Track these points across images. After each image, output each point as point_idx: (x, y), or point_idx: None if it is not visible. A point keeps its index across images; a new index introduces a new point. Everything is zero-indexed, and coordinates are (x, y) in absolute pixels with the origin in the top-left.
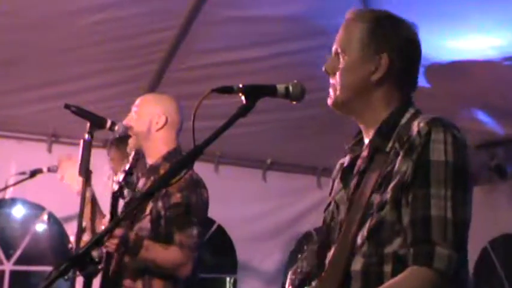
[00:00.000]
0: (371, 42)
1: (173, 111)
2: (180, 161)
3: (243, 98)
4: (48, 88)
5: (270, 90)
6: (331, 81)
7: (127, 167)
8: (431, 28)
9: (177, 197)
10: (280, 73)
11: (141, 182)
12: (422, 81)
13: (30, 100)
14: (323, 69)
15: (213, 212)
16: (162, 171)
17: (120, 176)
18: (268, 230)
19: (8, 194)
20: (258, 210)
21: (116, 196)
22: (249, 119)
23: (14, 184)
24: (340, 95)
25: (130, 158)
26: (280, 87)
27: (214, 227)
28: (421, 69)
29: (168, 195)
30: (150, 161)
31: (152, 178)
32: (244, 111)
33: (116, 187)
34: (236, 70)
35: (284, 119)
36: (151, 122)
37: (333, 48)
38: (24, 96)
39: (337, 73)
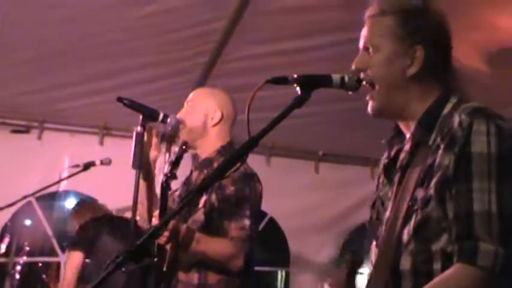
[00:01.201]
0: (404, 34)
1: (228, 105)
2: (234, 153)
3: (298, 88)
4: (99, 81)
5: (325, 81)
6: (362, 77)
7: (173, 158)
8: None
9: (230, 190)
10: (333, 63)
11: (194, 176)
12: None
13: (81, 93)
14: (353, 67)
15: (264, 205)
16: (215, 165)
17: (167, 168)
18: (320, 223)
19: (62, 186)
20: (311, 202)
21: (164, 187)
22: (301, 109)
23: (68, 177)
24: (376, 103)
25: (177, 149)
26: (336, 78)
27: (266, 219)
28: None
29: (222, 188)
30: (203, 155)
31: (206, 171)
32: (299, 102)
33: (163, 179)
34: (288, 60)
35: (336, 109)
36: (207, 117)
37: (361, 43)
38: (76, 89)
39: (369, 70)
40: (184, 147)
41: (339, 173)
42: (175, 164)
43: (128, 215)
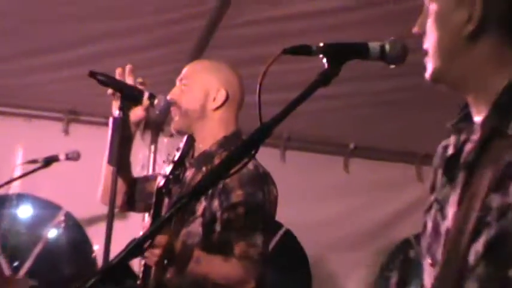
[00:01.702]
0: None
1: (235, 83)
2: (241, 145)
3: (324, 60)
4: (63, 51)
5: (360, 51)
6: (424, 45)
7: (177, 155)
8: None
9: (237, 195)
10: (367, 29)
11: (189, 174)
12: None
13: (41, 67)
14: (413, 29)
15: (279, 213)
16: (217, 161)
17: (168, 168)
18: (352, 237)
19: (14, 188)
20: (338, 210)
21: (160, 193)
22: (327, 89)
23: (22, 176)
24: (433, 64)
25: (182, 145)
26: (374, 46)
27: (281, 232)
28: None
29: (227, 192)
30: (201, 146)
31: (205, 169)
32: (325, 79)
33: (161, 182)
34: (308, 26)
35: (373, 89)
36: (207, 97)
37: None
38: (33, 61)
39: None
40: (190, 140)
41: (376, 172)
42: (179, 162)
43: (101, 226)
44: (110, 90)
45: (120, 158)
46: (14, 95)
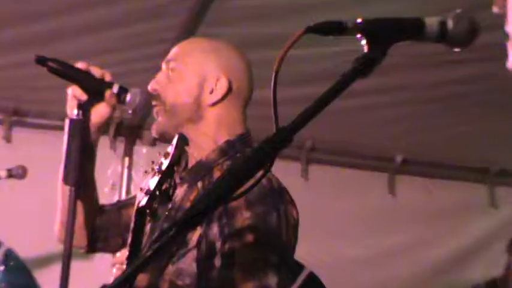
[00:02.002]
0: None
1: (241, 70)
2: (250, 156)
3: (363, 42)
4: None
5: (413, 29)
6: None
7: (164, 163)
8: None
9: (244, 218)
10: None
11: (181, 192)
12: None
13: None
14: (493, 7)
15: (300, 249)
16: (217, 174)
17: (152, 181)
18: (399, 282)
19: None
20: (382, 244)
21: (141, 215)
22: (365, 82)
23: None
24: None
25: (171, 149)
26: (432, 23)
27: (303, 276)
28: None
29: (229, 215)
30: (196, 155)
31: (201, 185)
32: (365, 67)
33: (143, 199)
34: None
35: (426, 83)
36: (203, 88)
37: None
38: None
39: None
40: (181, 143)
41: (432, 194)
42: (168, 173)
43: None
44: (72, 89)
45: (81, 174)
46: None
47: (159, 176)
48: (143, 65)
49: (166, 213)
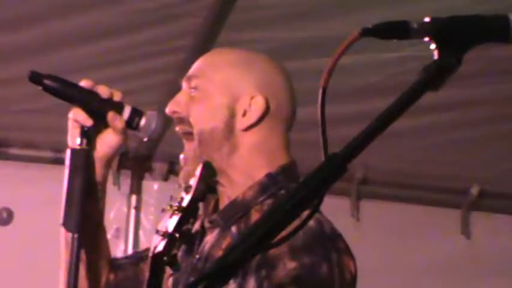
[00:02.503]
0: None
1: (280, 87)
2: (294, 192)
3: (432, 46)
4: None
5: (494, 28)
6: None
7: (186, 199)
8: None
9: (287, 270)
10: None
11: (211, 238)
12: None
13: None
14: None
15: None
16: (256, 216)
17: (170, 221)
18: None
19: None
20: None
21: (159, 263)
22: (425, 99)
23: None
24: None
25: (194, 181)
26: None
27: None
28: None
29: (270, 266)
30: (229, 192)
31: (235, 230)
32: (436, 77)
33: (159, 244)
34: None
35: (503, 98)
36: (235, 110)
37: None
38: None
39: None
40: (207, 173)
41: None
42: (190, 212)
43: None
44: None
45: (86, 218)
46: None
47: (180, 214)
48: (154, 79)
49: (194, 263)
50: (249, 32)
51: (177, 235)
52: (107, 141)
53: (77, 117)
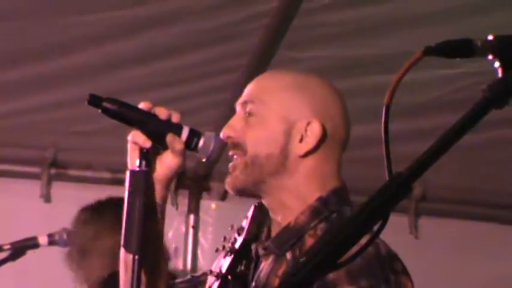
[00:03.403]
0: None
1: (336, 112)
2: (356, 214)
3: (496, 65)
4: (36, 64)
5: None
6: None
7: (238, 240)
8: None
9: None
10: None
11: (266, 265)
12: None
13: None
14: None
15: None
16: (310, 241)
17: (223, 262)
18: None
19: None
20: None
21: None
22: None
23: None
24: None
25: (246, 223)
26: None
27: None
28: None
29: None
30: (281, 218)
31: (290, 256)
32: (501, 95)
33: (213, 285)
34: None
35: None
36: (292, 136)
37: None
38: None
39: None
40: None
41: None
42: (243, 250)
43: None
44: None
45: (146, 240)
46: None
47: (232, 256)
48: (211, 99)
49: None
50: (305, 50)
51: (229, 277)
52: (166, 163)
53: (136, 139)
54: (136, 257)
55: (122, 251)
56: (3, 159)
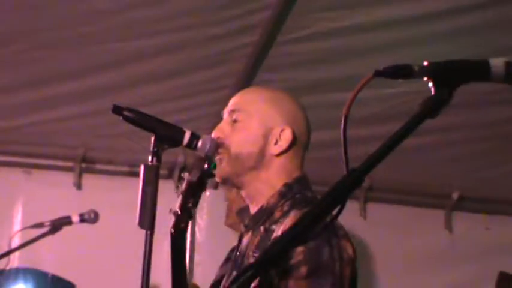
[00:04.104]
0: None
1: (301, 121)
2: (323, 199)
3: (430, 85)
4: (72, 80)
5: (479, 70)
6: None
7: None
8: None
9: (297, 253)
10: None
11: (246, 239)
12: None
13: (42, 102)
14: None
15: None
16: (278, 215)
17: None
18: None
19: (11, 262)
20: (440, 283)
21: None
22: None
23: (23, 245)
24: None
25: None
26: (497, 64)
27: None
28: None
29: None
30: (256, 203)
31: (263, 229)
32: (433, 108)
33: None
34: (390, 37)
35: (482, 121)
36: (268, 139)
37: None
38: (32, 95)
39: None
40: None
41: (494, 232)
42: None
43: None
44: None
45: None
46: (8, 140)
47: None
48: (205, 111)
49: (235, 259)
50: (279, 73)
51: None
52: None
53: None
54: (149, 232)
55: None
56: (45, 156)
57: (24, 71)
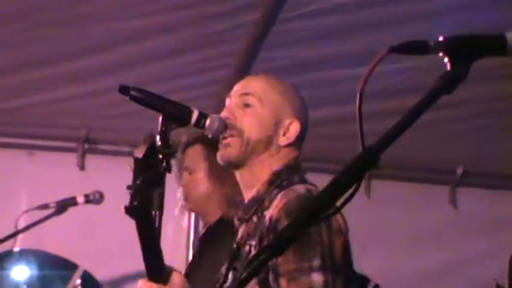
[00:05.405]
0: None
1: (306, 113)
2: (337, 178)
3: (446, 60)
4: (73, 60)
5: (494, 44)
6: None
7: None
8: None
9: (283, 224)
10: (480, 15)
11: (241, 231)
12: None
13: (44, 82)
14: None
15: (364, 263)
16: (267, 203)
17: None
18: None
19: (17, 243)
20: (444, 258)
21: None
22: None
23: (28, 227)
24: None
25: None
26: None
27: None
28: None
29: (274, 229)
30: (251, 189)
31: (256, 218)
32: (450, 83)
33: None
34: (397, 12)
35: (489, 95)
36: (278, 129)
37: None
38: (34, 75)
39: None
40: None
41: (495, 206)
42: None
43: None
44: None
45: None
46: (11, 121)
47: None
48: (206, 90)
49: (233, 251)
50: (280, 51)
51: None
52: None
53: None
54: (158, 212)
55: None
56: (48, 137)
57: (25, 52)
